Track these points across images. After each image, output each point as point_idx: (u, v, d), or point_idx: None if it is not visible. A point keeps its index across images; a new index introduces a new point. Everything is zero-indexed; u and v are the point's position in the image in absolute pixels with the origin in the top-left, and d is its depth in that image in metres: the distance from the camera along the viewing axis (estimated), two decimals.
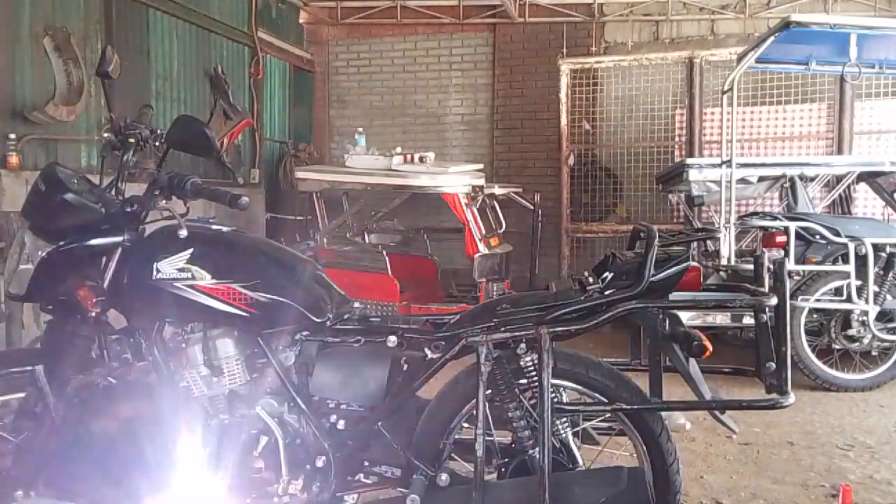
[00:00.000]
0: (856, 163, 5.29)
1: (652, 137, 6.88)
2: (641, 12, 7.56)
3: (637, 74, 6.94)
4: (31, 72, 4.54)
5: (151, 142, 2.24)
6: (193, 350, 2.18)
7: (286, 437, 2.15)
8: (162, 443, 1.34)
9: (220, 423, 2.21)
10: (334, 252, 5.58)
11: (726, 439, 3.52)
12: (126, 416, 1.33)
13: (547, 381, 1.84)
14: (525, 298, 2.12)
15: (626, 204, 7.10)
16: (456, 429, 2.13)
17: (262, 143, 7.33)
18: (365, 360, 2.18)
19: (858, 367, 4.50)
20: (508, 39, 7.93)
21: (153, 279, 2.08)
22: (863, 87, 6.11)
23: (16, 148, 4.33)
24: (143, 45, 5.66)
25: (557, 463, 2.04)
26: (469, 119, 8.20)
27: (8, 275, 2.17)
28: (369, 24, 8.31)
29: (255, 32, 7.13)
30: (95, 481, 1.26)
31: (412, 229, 6.66)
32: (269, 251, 2.26)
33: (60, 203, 2.03)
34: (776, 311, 1.86)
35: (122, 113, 2.41)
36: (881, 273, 4.44)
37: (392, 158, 5.59)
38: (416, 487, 2.02)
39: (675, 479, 2.05)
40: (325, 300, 2.17)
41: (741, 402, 2.37)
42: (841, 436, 3.65)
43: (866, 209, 5.94)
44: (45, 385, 2.00)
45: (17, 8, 4.44)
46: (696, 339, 1.87)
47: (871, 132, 6.25)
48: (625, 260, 2.03)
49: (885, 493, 2.97)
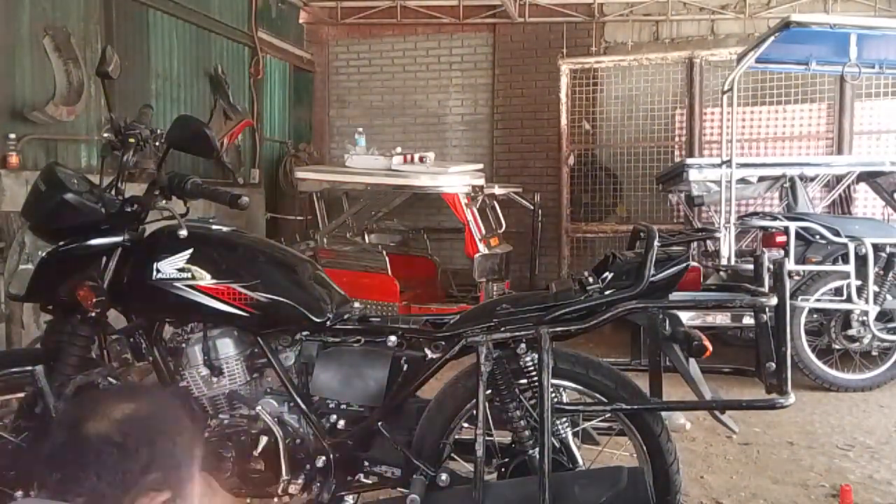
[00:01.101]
0: (856, 163, 5.29)
1: (652, 137, 6.88)
2: (641, 12, 7.56)
3: (637, 74, 6.93)
4: (31, 72, 4.54)
5: (151, 142, 2.24)
6: (193, 350, 2.18)
7: (286, 437, 2.15)
8: (161, 443, 1.33)
9: (219, 423, 2.21)
10: (334, 252, 5.57)
11: (726, 439, 3.52)
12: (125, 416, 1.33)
13: (547, 381, 1.84)
14: (525, 298, 2.12)
15: (626, 204, 7.09)
16: (456, 429, 2.13)
17: (262, 143, 7.33)
18: (365, 360, 2.18)
19: (858, 367, 4.50)
20: (508, 39, 7.93)
21: (153, 279, 2.08)
22: (863, 87, 6.11)
23: (16, 148, 4.33)
24: (143, 45, 5.66)
25: (557, 463, 2.04)
26: (469, 119, 8.20)
27: (8, 275, 2.17)
28: (369, 24, 8.31)
29: (255, 32, 7.13)
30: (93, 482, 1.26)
31: (412, 229, 6.66)
32: (269, 251, 2.26)
33: (60, 203, 2.03)
34: (776, 311, 1.86)
35: (122, 113, 2.41)
36: (881, 273, 4.44)
37: (392, 158, 5.59)
38: (416, 487, 2.02)
39: (675, 479, 2.05)
40: (325, 300, 2.17)
41: (741, 402, 2.37)
42: (841, 436, 3.65)
43: (866, 209, 5.93)
44: (45, 385, 2.01)
45: (17, 8, 4.44)
46: (696, 339, 1.87)
47: (871, 132, 6.25)
48: (625, 260, 2.03)
49: (885, 493, 2.97)
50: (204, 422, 2.22)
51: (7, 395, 2.10)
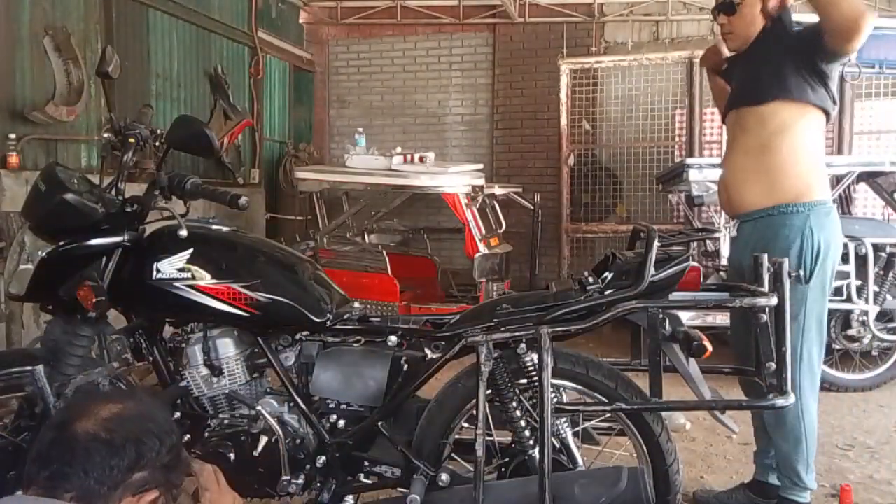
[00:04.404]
0: (856, 163, 5.28)
1: (652, 137, 6.87)
2: (641, 12, 7.56)
3: (637, 74, 6.93)
4: (31, 72, 4.54)
5: (151, 142, 2.24)
6: (193, 350, 2.18)
7: (286, 437, 2.15)
8: (149, 441, 1.35)
9: (219, 423, 2.22)
10: (334, 252, 5.57)
11: (726, 439, 3.52)
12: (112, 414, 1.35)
13: (547, 381, 1.84)
14: (525, 298, 2.12)
15: (626, 204, 7.09)
16: (456, 429, 2.13)
17: (262, 143, 7.33)
18: (365, 360, 2.18)
19: (858, 367, 4.50)
20: (508, 39, 7.93)
21: (153, 279, 2.08)
22: (863, 87, 6.10)
23: (16, 148, 4.32)
24: (143, 45, 5.66)
25: (557, 463, 2.05)
26: (469, 119, 8.20)
27: (8, 275, 2.17)
28: (369, 24, 8.31)
29: (255, 32, 7.13)
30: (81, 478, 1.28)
31: (412, 229, 6.66)
32: (269, 251, 2.26)
33: (60, 203, 2.02)
34: (776, 311, 1.86)
35: (122, 113, 2.41)
36: (881, 273, 4.43)
37: (392, 158, 5.58)
38: (416, 487, 2.02)
39: (675, 479, 2.05)
40: (325, 300, 2.17)
41: (741, 402, 2.37)
42: (841, 436, 3.65)
43: (866, 209, 5.93)
44: (45, 385, 2.00)
45: (17, 8, 4.44)
46: (696, 339, 1.87)
47: (871, 132, 6.24)
48: (625, 260, 2.03)
49: (885, 493, 2.97)
50: (204, 422, 2.23)
51: (7, 395, 2.10)
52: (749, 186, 2.51)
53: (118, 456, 1.29)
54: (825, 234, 2.41)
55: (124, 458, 1.29)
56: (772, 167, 2.45)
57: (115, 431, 1.31)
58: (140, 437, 1.32)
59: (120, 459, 1.29)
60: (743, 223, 2.57)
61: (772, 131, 2.43)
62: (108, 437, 1.29)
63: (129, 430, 1.32)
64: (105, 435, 1.29)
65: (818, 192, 2.45)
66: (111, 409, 1.35)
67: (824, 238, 2.40)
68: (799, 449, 2.47)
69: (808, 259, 2.40)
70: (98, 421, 1.31)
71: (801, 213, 2.41)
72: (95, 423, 1.31)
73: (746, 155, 2.52)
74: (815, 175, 2.47)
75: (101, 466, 1.27)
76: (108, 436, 1.29)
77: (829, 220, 2.44)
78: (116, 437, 1.30)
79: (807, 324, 2.45)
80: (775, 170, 2.45)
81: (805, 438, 2.46)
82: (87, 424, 1.30)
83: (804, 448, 2.47)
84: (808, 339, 2.45)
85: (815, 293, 2.45)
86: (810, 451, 2.48)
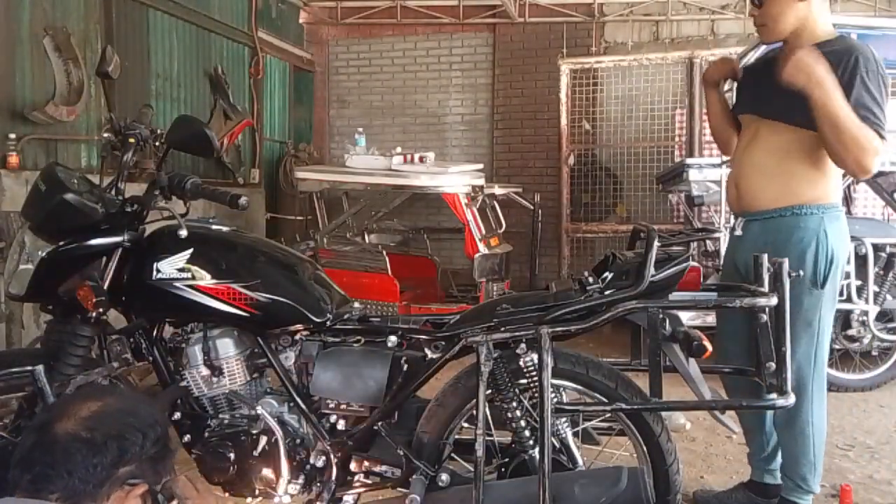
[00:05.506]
0: None
1: (652, 137, 6.87)
2: (641, 12, 7.56)
3: (637, 74, 6.93)
4: (31, 72, 4.54)
5: (151, 142, 2.25)
6: (193, 350, 2.18)
7: (286, 437, 2.15)
8: (131, 435, 1.36)
9: (220, 423, 2.22)
10: (334, 252, 5.57)
11: (726, 439, 3.52)
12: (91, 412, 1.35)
13: (547, 381, 1.84)
14: (525, 298, 2.12)
15: (626, 204, 7.09)
16: (456, 429, 2.13)
17: (262, 143, 7.33)
18: (365, 360, 2.18)
19: (858, 367, 4.49)
20: (508, 39, 7.93)
21: (153, 279, 2.09)
22: None
23: (16, 148, 4.32)
24: (143, 45, 5.66)
25: (557, 463, 2.05)
26: (469, 119, 8.20)
27: (8, 275, 2.17)
28: (369, 24, 8.31)
29: (255, 32, 7.13)
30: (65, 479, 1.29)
31: (412, 229, 6.66)
32: (269, 251, 2.26)
33: (60, 203, 2.03)
34: (776, 311, 1.86)
35: (122, 113, 2.41)
36: (881, 273, 4.43)
37: (392, 158, 5.58)
38: (416, 487, 2.02)
39: (675, 479, 2.06)
40: (325, 300, 2.18)
41: (741, 402, 2.37)
42: (841, 436, 3.65)
43: (866, 209, 5.93)
44: (45, 385, 2.00)
45: (17, 8, 4.43)
46: (696, 339, 1.87)
47: None
48: (625, 260, 2.03)
49: (885, 493, 2.97)
50: (204, 422, 2.23)
51: (7, 395, 2.10)
52: (765, 185, 2.42)
53: (100, 454, 1.30)
54: (838, 239, 2.36)
55: (107, 455, 1.30)
56: (795, 170, 2.38)
57: (96, 429, 1.32)
58: (121, 432, 1.33)
59: (102, 457, 1.30)
60: (751, 222, 2.49)
61: (799, 136, 2.34)
62: (89, 435, 1.30)
63: (109, 427, 1.33)
64: (85, 434, 1.31)
65: (832, 196, 2.41)
66: (91, 407, 1.36)
67: (837, 242, 2.36)
68: (806, 452, 2.45)
69: (823, 264, 2.34)
70: (78, 420, 1.33)
71: (815, 216, 2.35)
72: (75, 423, 1.32)
73: (768, 154, 2.42)
74: (834, 179, 2.41)
75: (84, 465, 1.28)
76: (88, 434, 1.30)
77: (840, 224, 2.39)
78: (97, 434, 1.31)
79: (821, 329, 2.41)
80: (798, 172, 2.38)
81: (813, 442, 2.44)
82: (67, 425, 1.32)
83: (811, 451, 2.45)
84: (821, 345, 2.43)
85: (827, 298, 2.39)
86: (818, 455, 2.46)
